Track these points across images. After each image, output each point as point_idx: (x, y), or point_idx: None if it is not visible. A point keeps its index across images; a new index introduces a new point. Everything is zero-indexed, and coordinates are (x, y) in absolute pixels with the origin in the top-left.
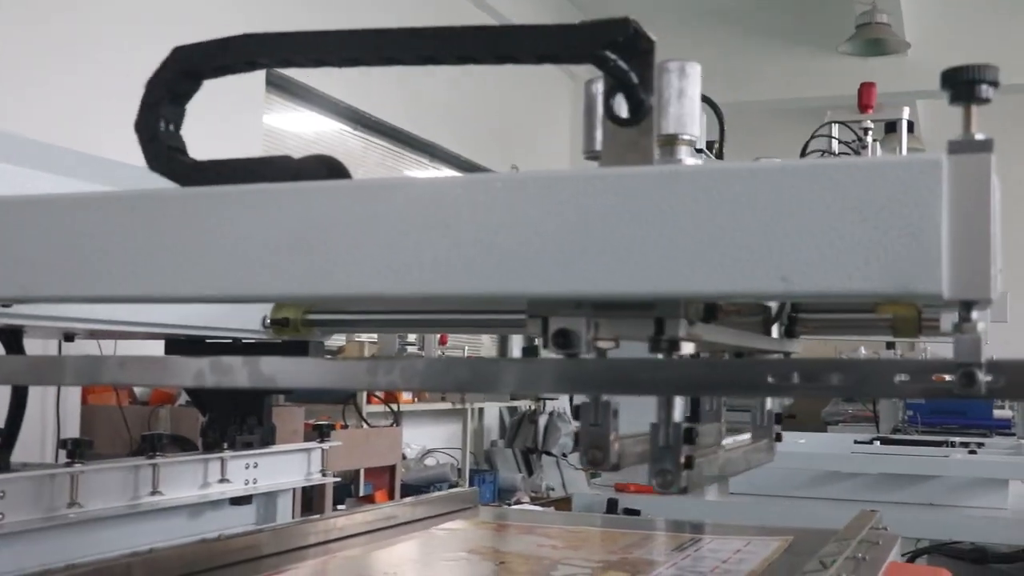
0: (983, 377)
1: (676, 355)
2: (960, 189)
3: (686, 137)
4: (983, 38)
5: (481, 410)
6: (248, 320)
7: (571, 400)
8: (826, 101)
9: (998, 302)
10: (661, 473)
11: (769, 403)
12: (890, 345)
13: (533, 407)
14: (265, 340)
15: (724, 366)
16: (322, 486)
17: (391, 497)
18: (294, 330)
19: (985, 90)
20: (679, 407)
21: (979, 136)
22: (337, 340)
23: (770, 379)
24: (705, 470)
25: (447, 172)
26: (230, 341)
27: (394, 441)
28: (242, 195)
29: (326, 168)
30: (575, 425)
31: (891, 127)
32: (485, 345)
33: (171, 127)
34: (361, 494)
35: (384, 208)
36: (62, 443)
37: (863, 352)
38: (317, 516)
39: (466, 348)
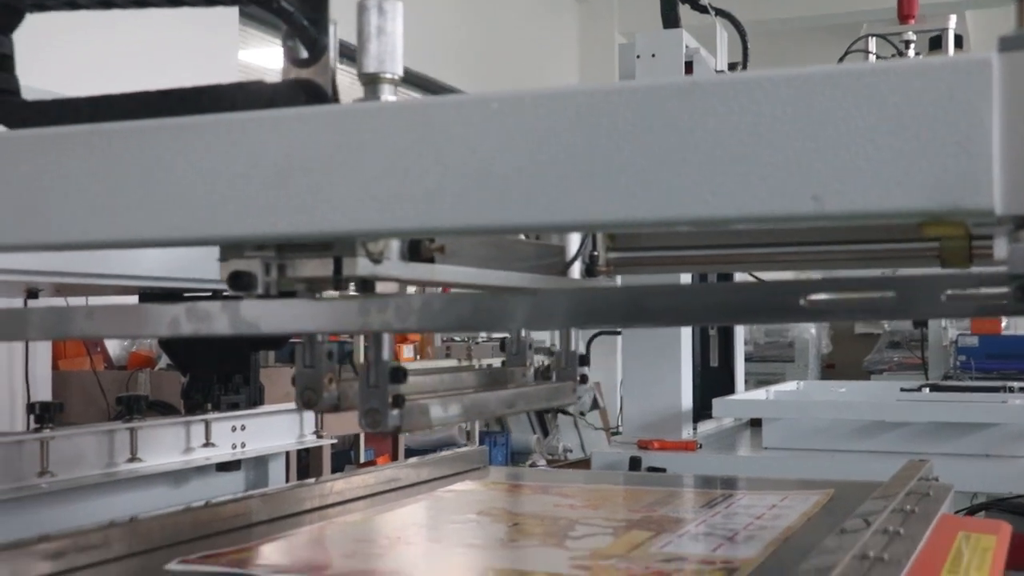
0: None
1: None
2: (1013, 91)
3: (388, 75)
4: None
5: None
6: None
7: (588, 350)
8: (862, 15)
9: None
10: (369, 413)
11: (573, 343)
12: (919, 322)
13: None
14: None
15: (755, 290)
16: (319, 452)
17: (394, 460)
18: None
19: None
20: (387, 345)
21: None
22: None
23: (803, 302)
24: (436, 411)
25: None
26: (209, 294)
27: None
28: (208, 125)
29: (304, 93)
30: (592, 383)
31: (936, 42)
32: None
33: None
34: (362, 460)
35: (370, 135)
36: (30, 407)
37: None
38: (312, 480)
39: None
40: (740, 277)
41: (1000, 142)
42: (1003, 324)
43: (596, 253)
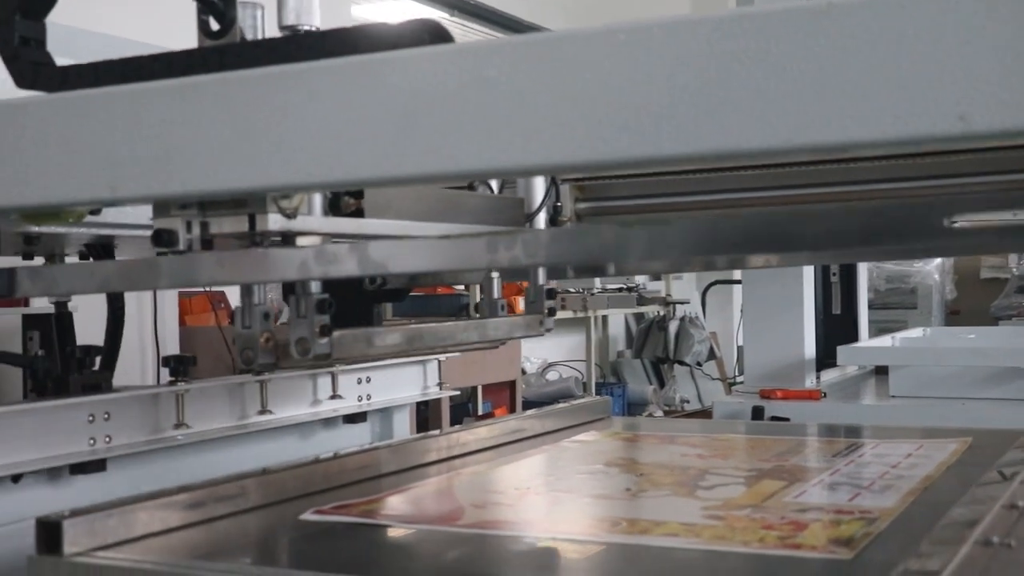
0: None
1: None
2: None
3: (305, 28)
4: None
5: (605, 318)
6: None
7: (703, 304)
8: None
9: None
10: (300, 342)
11: (541, 278)
12: None
13: (662, 313)
14: None
15: (898, 210)
16: (438, 404)
17: (512, 413)
18: None
19: None
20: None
21: None
22: None
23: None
24: (372, 340)
25: None
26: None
27: (512, 355)
28: (338, 67)
29: (428, 34)
30: (709, 332)
31: None
32: None
33: (28, 43)
34: (480, 413)
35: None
36: (164, 361)
37: None
38: (437, 431)
39: None
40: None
41: None
42: None
43: (559, 204)
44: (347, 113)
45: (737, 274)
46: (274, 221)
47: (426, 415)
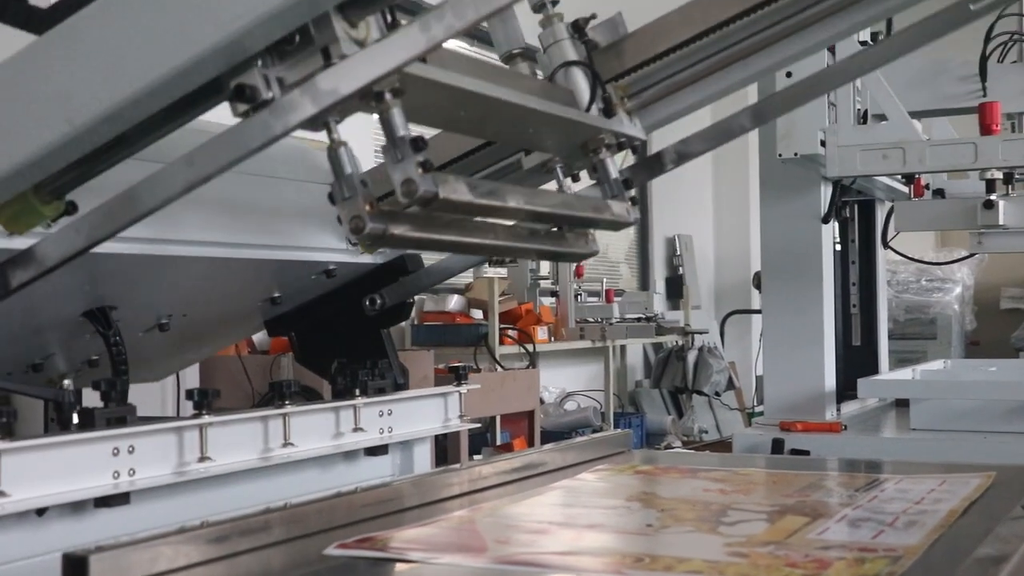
0: None
1: None
2: None
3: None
4: None
5: (623, 347)
6: (335, 242)
7: (722, 334)
8: None
9: None
10: (406, 183)
11: (613, 167)
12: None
13: (681, 343)
14: (357, 263)
15: None
16: (457, 435)
17: (530, 445)
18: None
19: None
20: (398, 118)
21: None
22: (464, 277)
23: None
24: (466, 190)
25: None
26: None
27: (531, 384)
28: None
29: None
30: (727, 362)
31: None
32: (624, 277)
33: None
34: (498, 443)
35: None
36: (188, 393)
37: None
38: (458, 465)
39: (604, 281)
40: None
41: None
42: None
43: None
44: None
45: (756, 304)
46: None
47: (444, 445)
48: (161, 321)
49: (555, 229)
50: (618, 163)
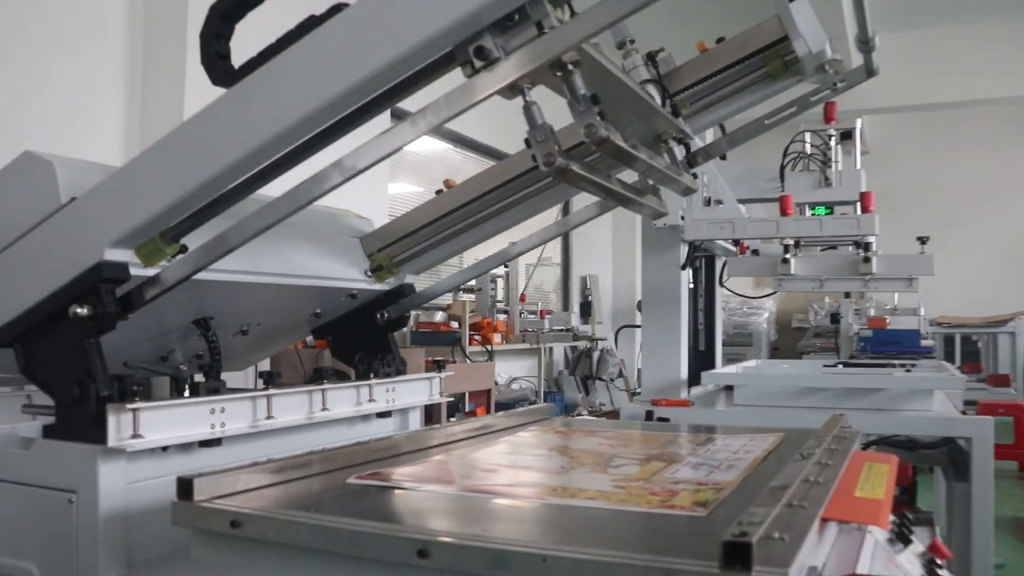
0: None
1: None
2: None
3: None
4: (907, 72)
5: (551, 348)
6: (356, 274)
7: (616, 340)
8: (802, 117)
9: (926, 260)
10: (588, 127)
11: (679, 153)
12: (847, 295)
13: (589, 346)
14: (372, 289)
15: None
16: (439, 405)
17: (488, 412)
18: (388, 272)
19: None
20: (579, 82)
21: None
22: (446, 299)
23: None
24: (628, 140)
25: None
26: (346, 292)
27: (489, 372)
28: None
29: (302, 28)
30: (619, 359)
31: (846, 135)
32: (553, 301)
33: (221, 41)
34: (467, 410)
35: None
36: (260, 375)
37: (827, 301)
38: (438, 425)
39: (539, 304)
40: None
41: None
42: (887, 321)
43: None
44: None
45: (638, 320)
46: (556, 21)
47: (431, 411)
48: (243, 328)
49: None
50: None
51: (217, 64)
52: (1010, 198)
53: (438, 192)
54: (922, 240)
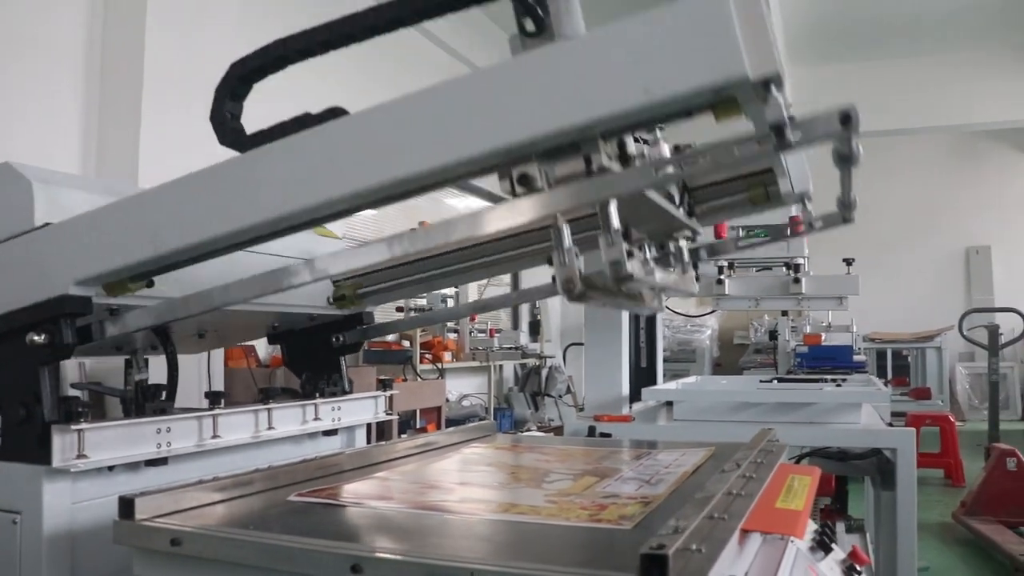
0: (789, 132)
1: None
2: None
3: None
4: (840, 102)
5: (501, 366)
6: (318, 299)
7: (564, 358)
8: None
9: (852, 280)
10: (615, 264)
11: (685, 249)
12: (784, 313)
13: (538, 363)
14: (331, 314)
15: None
16: (390, 421)
17: (439, 428)
18: (351, 302)
19: None
20: (614, 216)
21: None
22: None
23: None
24: (646, 268)
25: (477, 200)
26: (307, 316)
27: (440, 389)
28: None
29: (331, 114)
30: (567, 375)
31: None
32: (503, 320)
33: (232, 117)
34: (418, 427)
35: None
36: (206, 395)
37: (767, 319)
38: (383, 443)
39: (488, 323)
40: None
41: (741, 31)
42: (822, 337)
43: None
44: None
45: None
46: (606, 158)
47: (382, 428)
48: (201, 333)
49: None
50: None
51: (227, 123)
52: (939, 221)
53: (412, 231)
54: (848, 262)
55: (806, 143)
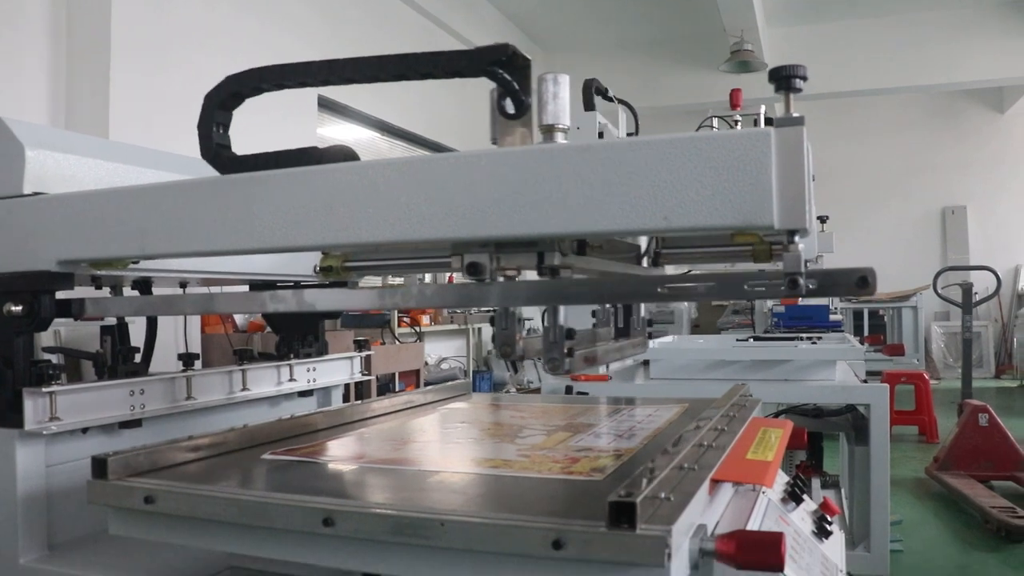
0: (803, 281)
1: (556, 277)
2: (783, 151)
3: (560, 126)
4: (818, 62)
5: (480, 328)
6: (305, 268)
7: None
8: (711, 104)
9: (826, 238)
10: (551, 360)
11: (643, 311)
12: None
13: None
14: (316, 283)
15: (632, 280)
16: (368, 384)
17: None
18: (336, 274)
19: (797, 82)
20: (562, 313)
21: (795, 114)
22: (374, 282)
23: (660, 289)
24: (585, 359)
25: None
26: (292, 284)
27: (418, 352)
28: (284, 176)
29: (343, 155)
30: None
31: (753, 123)
32: None
33: (221, 130)
34: (397, 390)
35: (382, 180)
36: (179, 356)
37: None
38: (358, 402)
39: None
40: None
41: (776, 181)
42: (800, 299)
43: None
44: (290, 204)
45: None
46: (558, 258)
47: (360, 392)
48: (182, 284)
49: None
50: None
51: (220, 154)
52: (913, 181)
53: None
54: (821, 219)
55: (817, 295)
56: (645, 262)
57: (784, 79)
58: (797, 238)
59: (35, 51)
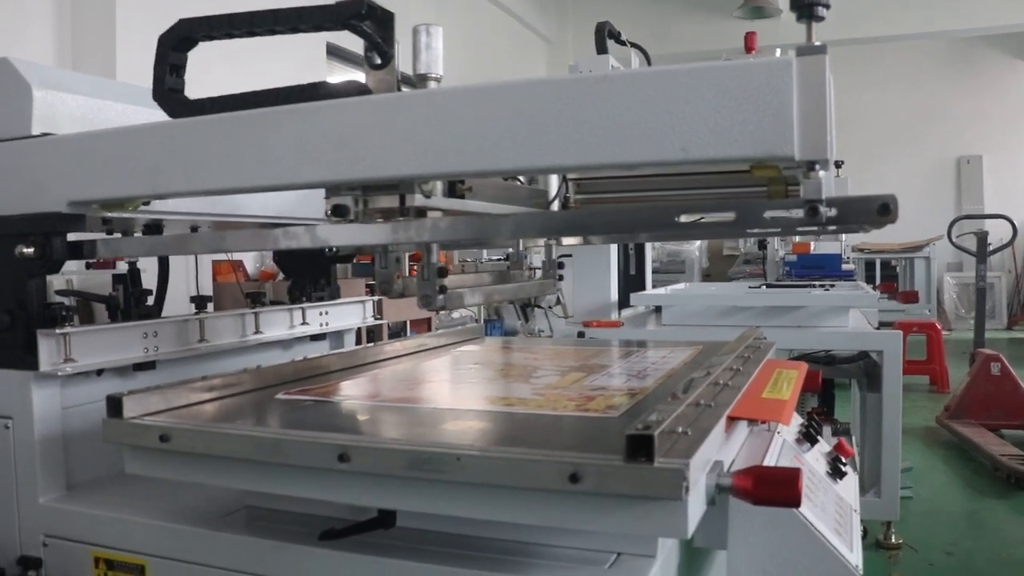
0: (823, 209)
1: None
2: (805, 80)
3: (433, 75)
4: (832, 8)
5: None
6: (316, 211)
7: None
8: (724, 51)
9: (841, 183)
10: (424, 297)
11: (554, 254)
12: (761, 245)
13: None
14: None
15: (647, 210)
16: (380, 330)
17: None
18: (348, 213)
19: (820, 10)
20: (434, 252)
21: (817, 43)
22: None
23: (677, 218)
24: (467, 297)
25: None
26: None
27: None
28: (297, 111)
29: (356, 89)
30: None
31: None
32: None
33: (174, 74)
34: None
35: (400, 115)
36: (192, 299)
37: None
38: (371, 344)
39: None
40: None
41: (798, 111)
42: (812, 247)
43: (568, 195)
44: (304, 139)
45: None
46: (419, 199)
47: (373, 338)
48: (194, 227)
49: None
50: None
51: (170, 97)
52: (929, 130)
53: None
54: (837, 164)
55: (837, 224)
56: (555, 206)
57: (806, 6)
58: (818, 167)
59: None
